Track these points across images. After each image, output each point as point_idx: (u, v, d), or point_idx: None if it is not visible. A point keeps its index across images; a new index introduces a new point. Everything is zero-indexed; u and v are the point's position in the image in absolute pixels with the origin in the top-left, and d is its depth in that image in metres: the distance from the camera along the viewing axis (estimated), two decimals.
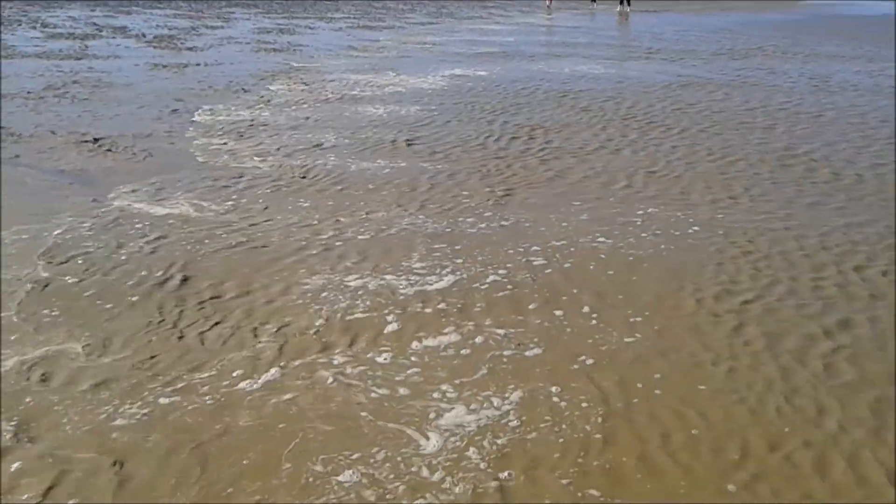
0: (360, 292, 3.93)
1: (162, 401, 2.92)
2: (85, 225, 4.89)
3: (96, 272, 4.14)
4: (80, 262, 4.28)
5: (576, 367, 3.24)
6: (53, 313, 3.65)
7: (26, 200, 5.37)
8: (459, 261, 4.43)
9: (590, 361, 3.28)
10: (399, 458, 2.62)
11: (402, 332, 3.53)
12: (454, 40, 19.07)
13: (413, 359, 3.30)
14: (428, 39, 19.22)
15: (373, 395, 3.00)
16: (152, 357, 3.26)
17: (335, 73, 12.39)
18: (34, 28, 17.87)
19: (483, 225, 5.05)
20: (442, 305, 3.81)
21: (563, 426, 2.81)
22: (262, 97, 9.88)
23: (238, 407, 2.90)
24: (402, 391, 3.03)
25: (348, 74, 12.21)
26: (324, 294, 3.91)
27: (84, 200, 5.40)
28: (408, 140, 7.42)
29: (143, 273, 4.14)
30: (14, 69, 11.61)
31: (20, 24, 18.64)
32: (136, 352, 3.31)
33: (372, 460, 2.61)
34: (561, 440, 2.73)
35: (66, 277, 4.06)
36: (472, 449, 2.66)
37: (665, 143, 7.52)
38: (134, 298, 3.83)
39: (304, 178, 6.10)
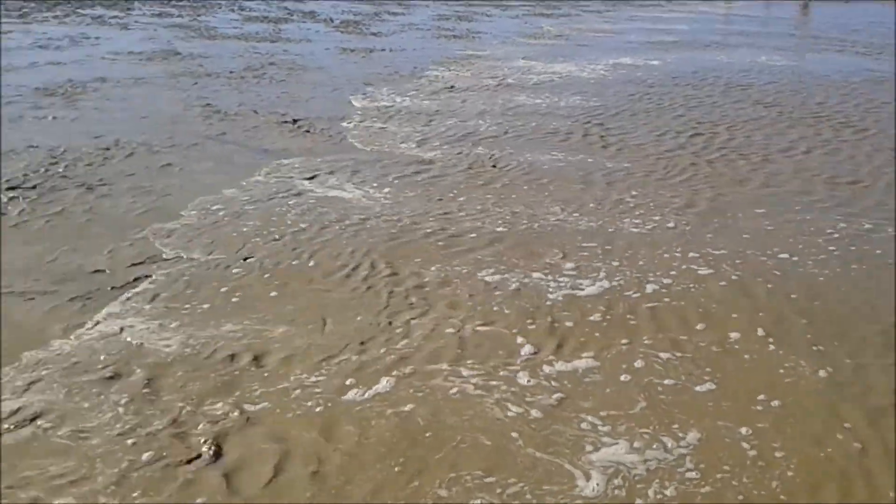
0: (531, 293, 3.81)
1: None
2: (290, 206, 5.09)
3: (303, 253, 4.28)
4: (287, 240, 4.46)
5: (759, 407, 2.86)
6: (270, 293, 3.80)
7: (236, 176, 5.71)
8: (615, 263, 4.21)
9: (776, 402, 2.89)
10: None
11: (541, 350, 3.27)
12: (629, 28, 18.62)
13: (553, 383, 3.02)
14: (604, 27, 18.89)
15: (511, 413, 2.80)
16: (363, 343, 3.31)
17: (513, 60, 12.41)
18: (233, 11, 19.16)
19: (648, 227, 4.79)
20: (595, 317, 3.57)
21: (746, 480, 2.46)
22: (444, 84, 10.02)
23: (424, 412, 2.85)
24: (541, 415, 2.80)
25: (526, 62, 12.19)
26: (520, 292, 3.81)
27: (289, 181, 5.70)
28: (585, 133, 7.34)
29: (347, 257, 4.24)
30: (217, 50, 12.48)
31: (220, 7, 20.03)
32: (349, 336, 3.36)
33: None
34: (741, 497, 2.39)
35: (276, 258, 4.23)
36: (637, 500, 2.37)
37: (861, 146, 6.85)
38: (343, 283, 3.93)
39: (494, 166, 6.13)
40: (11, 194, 5.16)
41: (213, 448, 2.53)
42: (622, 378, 3.06)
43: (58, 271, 4.02)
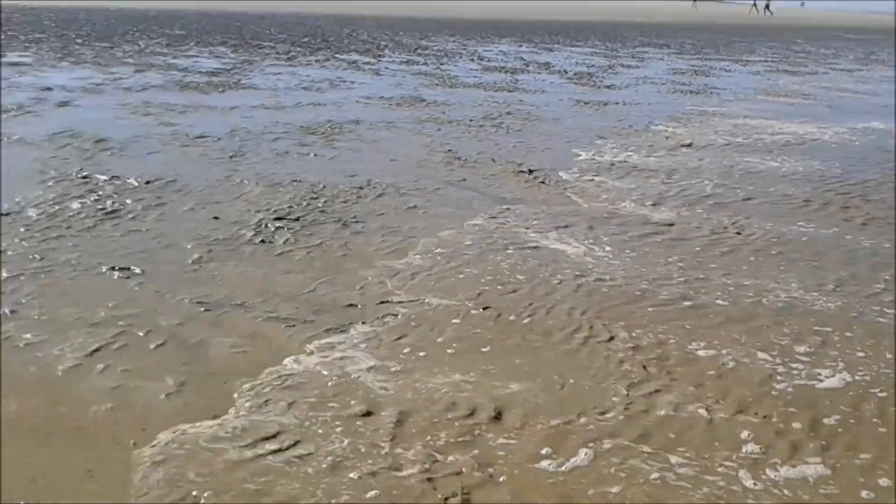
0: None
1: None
2: (522, 258, 5.18)
3: (537, 308, 4.33)
4: (520, 295, 4.52)
5: None
6: (501, 346, 3.89)
7: (473, 222, 5.91)
8: (859, 353, 3.85)
9: None
10: None
11: (766, 448, 3.02)
12: (882, 90, 17.20)
13: (782, 491, 2.74)
14: (853, 87, 17.59)
15: None
16: (602, 413, 3.27)
17: (752, 118, 11.87)
18: (472, 60, 20.02)
19: None
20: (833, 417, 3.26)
21: None
22: (679, 140, 9.77)
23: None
24: None
25: (766, 121, 11.61)
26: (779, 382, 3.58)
27: (522, 233, 5.78)
28: (843, 205, 6.82)
29: (578, 317, 4.23)
30: (458, 98, 13.09)
31: (461, 57, 21.02)
32: (586, 401, 3.34)
33: None
34: None
35: (509, 311, 4.31)
36: None
37: None
38: (578, 345, 3.93)
39: (738, 233, 5.87)
40: (278, 224, 5.72)
41: (461, 499, 2.61)
42: (863, 494, 2.75)
43: (316, 301, 4.39)
